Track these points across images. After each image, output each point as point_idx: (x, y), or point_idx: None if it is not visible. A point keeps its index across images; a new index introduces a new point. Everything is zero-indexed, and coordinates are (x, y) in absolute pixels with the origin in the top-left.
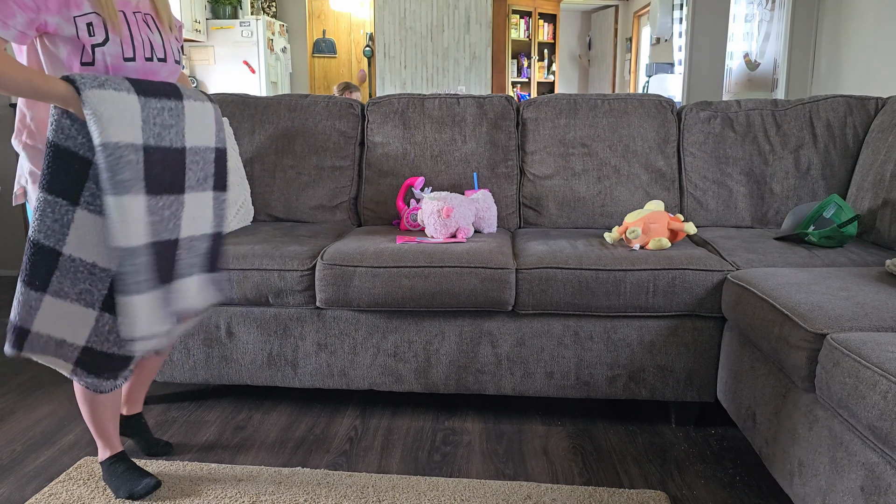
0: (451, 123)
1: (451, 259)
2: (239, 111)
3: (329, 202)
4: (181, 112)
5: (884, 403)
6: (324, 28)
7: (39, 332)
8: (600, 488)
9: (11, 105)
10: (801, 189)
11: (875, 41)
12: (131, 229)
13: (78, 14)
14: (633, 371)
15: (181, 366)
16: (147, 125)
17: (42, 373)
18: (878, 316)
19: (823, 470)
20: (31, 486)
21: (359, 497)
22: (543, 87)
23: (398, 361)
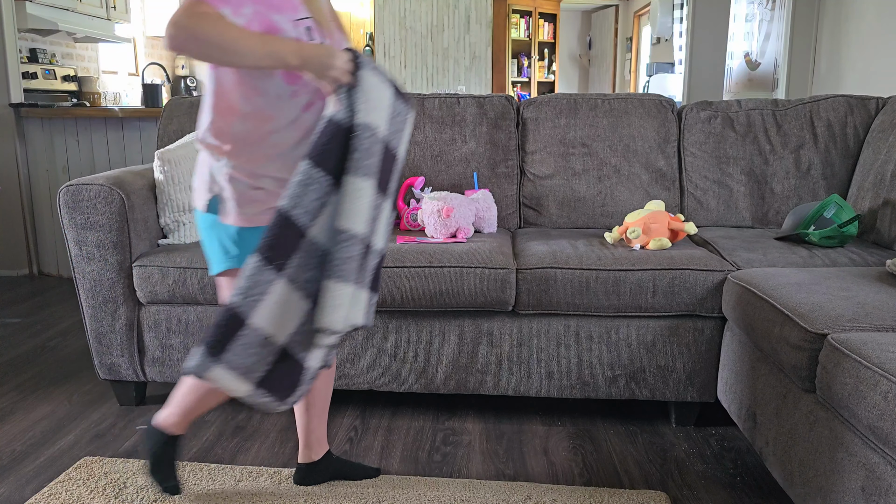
0: (451, 123)
1: (451, 259)
2: None
3: None
4: (406, 121)
5: (884, 403)
6: None
7: (255, 325)
8: (600, 488)
9: (11, 105)
10: (801, 189)
11: (875, 41)
12: (360, 215)
13: (298, 17)
14: (634, 371)
15: (181, 366)
16: (390, 122)
17: (42, 373)
18: (879, 316)
19: (824, 470)
20: (31, 486)
21: (359, 497)
22: (543, 86)
23: (398, 361)
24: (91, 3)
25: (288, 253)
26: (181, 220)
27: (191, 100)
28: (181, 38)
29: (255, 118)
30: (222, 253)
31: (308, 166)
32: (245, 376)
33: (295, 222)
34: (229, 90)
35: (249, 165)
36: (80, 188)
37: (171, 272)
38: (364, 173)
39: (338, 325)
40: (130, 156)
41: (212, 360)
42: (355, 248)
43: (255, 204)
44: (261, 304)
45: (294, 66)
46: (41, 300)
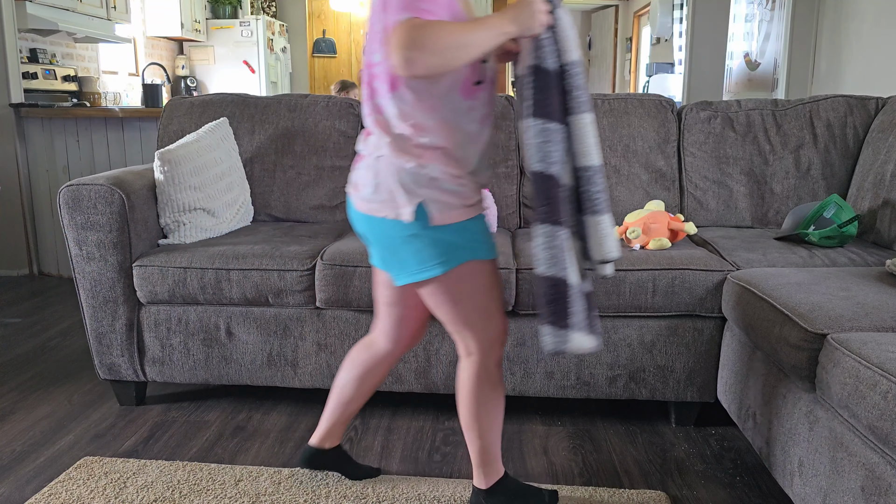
0: None
1: None
2: (239, 111)
3: (329, 202)
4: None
5: (884, 403)
6: (324, 28)
7: (572, 283)
8: (600, 488)
9: (11, 105)
10: (801, 189)
11: (875, 41)
12: (594, 148)
13: None
14: (633, 371)
15: (181, 366)
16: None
17: (42, 373)
18: (879, 316)
19: (824, 470)
20: (31, 486)
21: (359, 497)
22: None
23: (398, 361)
24: (91, 3)
25: (561, 207)
26: (181, 221)
27: (191, 100)
28: (417, 57)
29: (443, 130)
30: (426, 258)
31: (539, 124)
32: (588, 331)
33: (552, 177)
34: (411, 111)
35: (447, 168)
36: (81, 188)
37: (171, 272)
38: (585, 109)
39: (614, 253)
40: (130, 156)
41: (565, 333)
42: (600, 179)
43: (459, 199)
44: (567, 262)
45: (512, 32)
46: (41, 300)
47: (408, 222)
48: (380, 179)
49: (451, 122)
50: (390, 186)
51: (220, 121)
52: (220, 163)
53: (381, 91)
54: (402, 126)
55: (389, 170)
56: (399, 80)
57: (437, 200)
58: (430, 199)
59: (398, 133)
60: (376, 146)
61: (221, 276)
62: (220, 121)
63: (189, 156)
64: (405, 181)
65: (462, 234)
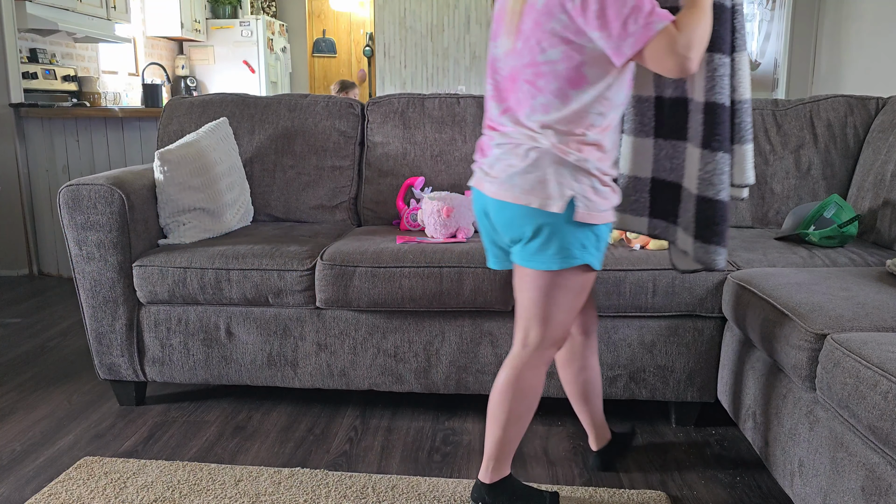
0: (451, 123)
1: (451, 259)
2: (239, 111)
3: (329, 202)
4: None
5: (884, 403)
6: (324, 28)
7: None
8: (600, 488)
9: (11, 105)
10: (801, 189)
11: (875, 41)
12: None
13: None
14: (633, 371)
15: (181, 366)
16: None
17: (42, 373)
18: (879, 316)
19: (824, 470)
20: (31, 486)
21: (359, 497)
22: None
23: (398, 362)
24: (91, 3)
25: (727, 131)
26: (181, 220)
27: (191, 100)
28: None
29: (608, 128)
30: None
31: (716, 57)
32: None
33: (723, 104)
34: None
35: (601, 164)
36: (81, 188)
37: (171, 272)
38: (744, 46)
39: (752, 178)
40: (130, 156)
41: (722, 250)
42: (749, 111)
43: (605, 201)
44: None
45: None
46: (41, 300)
47: (553, 213)
48: (534, 169)
49: (615, 120)
50: (545, 176)
51: (220, 121)
52: (220, 163)
53: (550, 88)
54: (571, 121)
55: (547, 161)
56: (580, 79)
57: (587, 198)
58: (580, 195)
59: (564, 128)
60: (530, 137)
61: (221, 276)
62: (220, 121)
63: (189, 156)
64: (563, 174)
65: (592, 237)
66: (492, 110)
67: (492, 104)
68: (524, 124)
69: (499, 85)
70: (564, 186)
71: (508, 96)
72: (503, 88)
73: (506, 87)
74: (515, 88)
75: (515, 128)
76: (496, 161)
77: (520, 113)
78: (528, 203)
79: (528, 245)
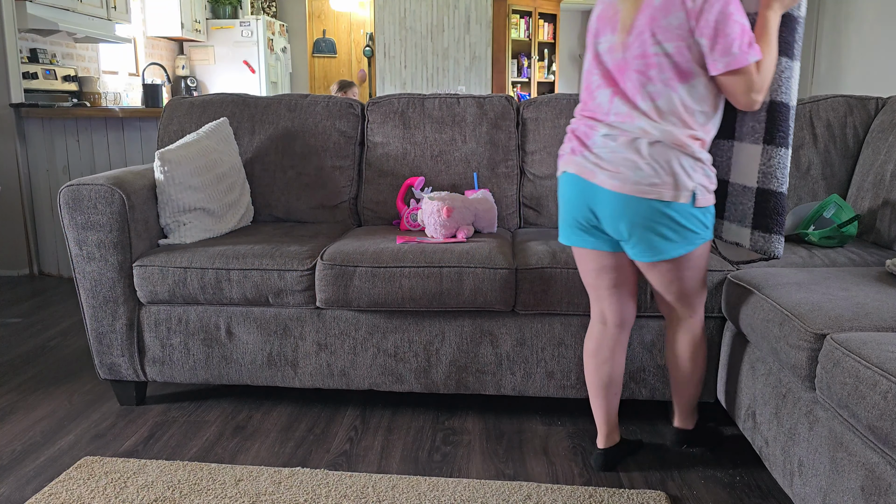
0: (451, 123)
1: (451, 259)
2: (239, 111)
3: (329, 202)
4: None
5: (884, 403)
6: (324, 28)
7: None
8: (600, 488)
9: (12, 105)
10: (801, 189)
11: (875, 41)
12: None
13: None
14: (633, 371)
15: (181, 366)
16: None
17: (42, 372)
18: (879, 316)
19: (824, 470)
20: (31, 486)
21: (359, 497)
22: (543, 87)
23: (398, 361)
24: (91, 3)
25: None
26: (181, 220)
27: (191, 100)
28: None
29: (714, 121)
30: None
31: (783, 61)
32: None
33: (787, 104)
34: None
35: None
36: (81, 188)
37: (171, 272)
38: (799, 57)
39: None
40: (131, 156)
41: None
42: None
43: (713, 184)
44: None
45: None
46: (41, 300)
47: (682, 203)
48: (657, 163)
49: (718, 114)
50: (673, 170)
51: (220, 121)
52: (220, 163)
53: (663, 80)
54: (685, 114)
55: (669, 154)
56: (693, 74)
57: (703, 185)
58: (699, 184)
59: (677, 120)
60: (644, 131)
61: (221, 276)
62: (221, 121)
63: (189, 156)
64: (686, 165)
65: (708, 216)
66: (599, 98)
67: (600, 93)
68: (640, 111)
69: (608, 74)
70: (689, 178)
71: (621, 86)
72: (612, 79)
73: (615, 78)
74: (625, 79)
75: (628, 118)
76: (611, 153)
77: (634, 101)
78: (656, 196)
79: (661, 236)
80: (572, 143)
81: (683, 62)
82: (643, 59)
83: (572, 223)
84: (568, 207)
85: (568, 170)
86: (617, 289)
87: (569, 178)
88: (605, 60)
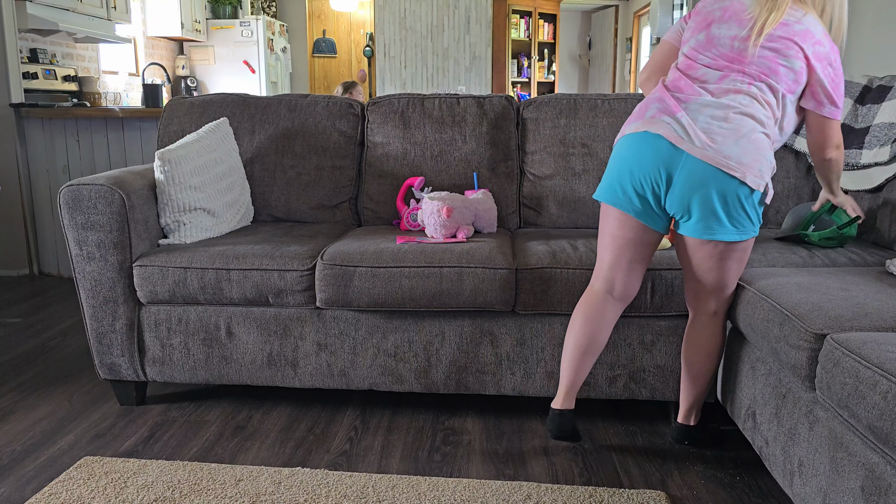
0: (451, 123)
1: (451, 259)
2: (239, 111)
3: (329, 202)
4: None
5: (884, 403)
6: (324, 28)
7: None
8: (600, 488)
9: (12, 105)
10: (801, 189)
11: (875, 41)
12: None
13: None
14: (633, 371)
15: (181, 366)
16: None
17: (42, 372)
18: (879, 316)
19: (824, 470)
20: (31, 486)
21: (359, 497)
22: (543, 87)
23: (398, 361)
24: (91, 3)
25: None
26: (181, 221)
27: (191, 100)
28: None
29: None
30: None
31: None
32: None
33: None
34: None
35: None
36: (81, 188)
37: (171, 272)
38: None
39: None
40: (131, 156)
41: None
42: None
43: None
44: None
45: None
46: (41, 300)
47: (756, 191)
48: (754, 147)
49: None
50: (765, 157)
51: (220, 121)
52: (220, 163)
53: (780, 83)
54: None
55: (764, 146)
56: (795, 92)
57: (769, 184)
58: (768, 182)
59: (768, 120)
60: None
61: (222, 276)
62: (221, 121)
63: (189, 156)
64: (770, 160)
65: (761, 215)
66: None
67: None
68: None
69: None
70: (768, 171)
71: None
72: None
73: (734, 63)
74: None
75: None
76: (711, 125)
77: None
78: (742, 177)
79: (733, 215)
80: (659, 106)
81: (795, 83)
82: (769, 61)
83: (630, 184)
84: (635, 167)
85: (651, 129)
86: (636, 263)
87: (649, 139)
88: (725, 45)
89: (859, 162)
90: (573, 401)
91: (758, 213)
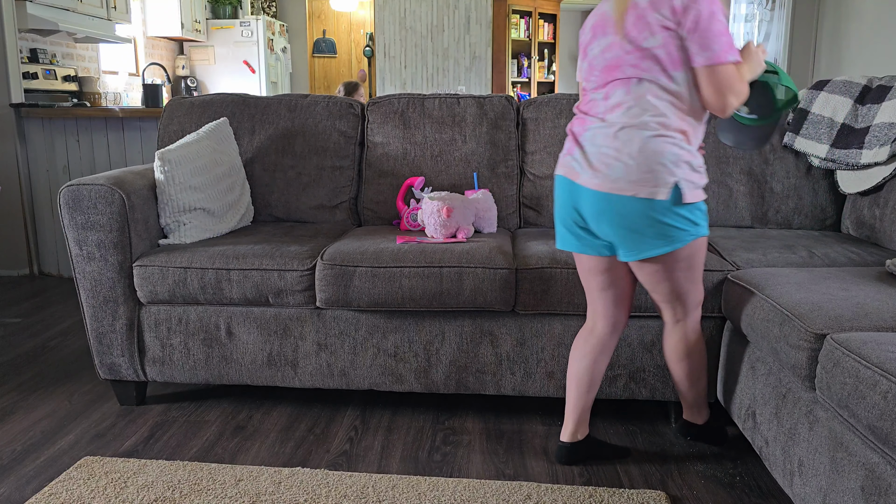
0: (451, 123)
1: (451, 259)
2: (239, 111)
3: (329, 202)
4: None
5: (884, 403)
6: (324, 28)
7: None
8: (600, 488)
9: (12, 105)
10: (801, 188)
11: (875, 42)
12: None
13: None
14: (633, 371)
15: (181, 366)
16: None
17: (42, 372)
18: (879, 316)
19: (823, 470)
20: (31, 486)
21: (359, 497)
22: (543, 87)
23: (398, 361)
24: (91, 3)
25: None
26: (181, 220)
27: (191, 100)
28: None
29: (699, 113)
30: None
31: None
32: None
33: None
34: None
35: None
36: (81, 188)
37: (171, 272)
38: None
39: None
40: (131, 156)
41: None
42: None
43: (699, 181)
44: None
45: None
46: (41, 300)
47: (661, 200)
48: (646, 159)
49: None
50: (652, 166)
51: (220, 121)
52: (220, 163)
53: (650, 73)
54: (670, 107)
55: (660, 150)
56: (679, 64)
57: (688, 180)
58: (683, 179)
59: (662, 112)
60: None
61: (222, 276)
62: (221, 121)
63: (189, 156)
64: (667, 161)
65: (697, 213)
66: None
67: (595, 93)
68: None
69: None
70: (670, 175)
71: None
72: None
73: (608, 76)
74: (616, 75)
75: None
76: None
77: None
78: (635, 194)
79: (642, 235)
80: (567, 147)
81: (670, 56)
82: (633, 54)
83: (563, 226)
84: (557, 210)
85: (558, 171)
86: (607, 291)
87: (559, 181)
88: (599, 62)
89: (859, 162)
90: (585, 431)
91: (687, 217)
